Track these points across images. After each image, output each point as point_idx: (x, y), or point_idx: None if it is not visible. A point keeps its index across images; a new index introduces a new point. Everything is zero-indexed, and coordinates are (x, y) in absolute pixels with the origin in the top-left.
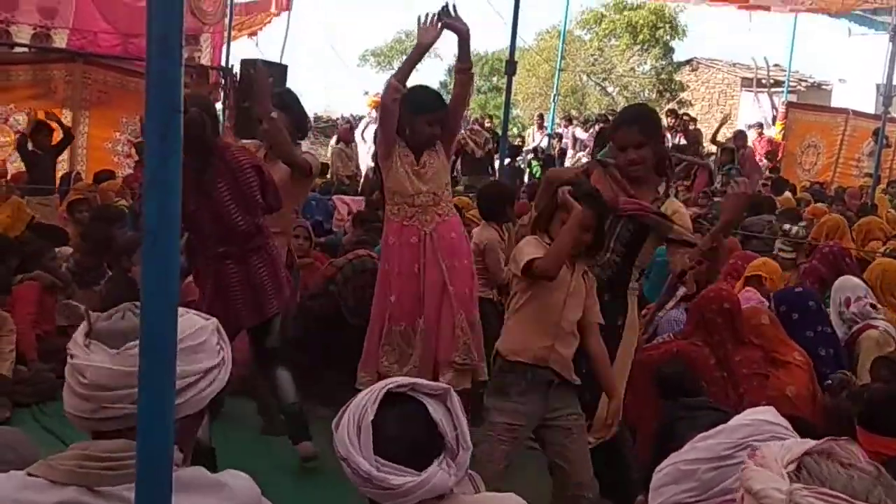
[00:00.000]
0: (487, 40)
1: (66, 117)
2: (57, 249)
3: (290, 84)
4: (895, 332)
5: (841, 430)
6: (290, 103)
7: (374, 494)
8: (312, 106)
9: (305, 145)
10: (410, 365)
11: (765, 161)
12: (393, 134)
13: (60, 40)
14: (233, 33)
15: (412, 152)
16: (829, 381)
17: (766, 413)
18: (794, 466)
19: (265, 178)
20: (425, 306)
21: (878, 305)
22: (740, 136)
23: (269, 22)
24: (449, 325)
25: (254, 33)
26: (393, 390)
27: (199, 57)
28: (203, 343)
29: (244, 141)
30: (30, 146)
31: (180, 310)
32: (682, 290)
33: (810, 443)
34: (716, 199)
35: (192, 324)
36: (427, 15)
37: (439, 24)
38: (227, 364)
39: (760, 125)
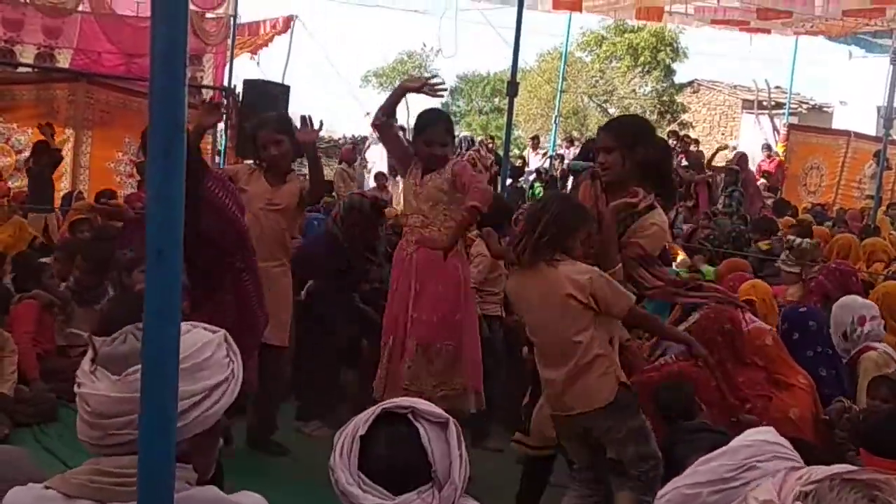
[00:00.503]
0: (490, 61)
1: (69, 136)
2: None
3: (291, 104)
4: (894, 353)
5: (841, 452)
6: (290, 128)
7: None
8: None
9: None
10: (378, 381)
11: (761, 180)
12: (400, 154)
13: (64, 60)
14: (234, 51)
15: (421, 172)
16: (826, 416)
17: (767, 433)
18: (811, 488)
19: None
20: (395, 326)
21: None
22: (743, 158)
23: (271, 40)
24: (399, 349)
25: (256, 51)
26: (391, 410)
27: (201, 77)
28: (208, 359)
29: (246, 162)
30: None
31: (185, 325)
32: (694, 317)
33: (853, 469)
34: (717, 217)
35: (197, 340)
36: (425, 74)
37: (425, 86)
38: (237, 377)
39: (769, 146)
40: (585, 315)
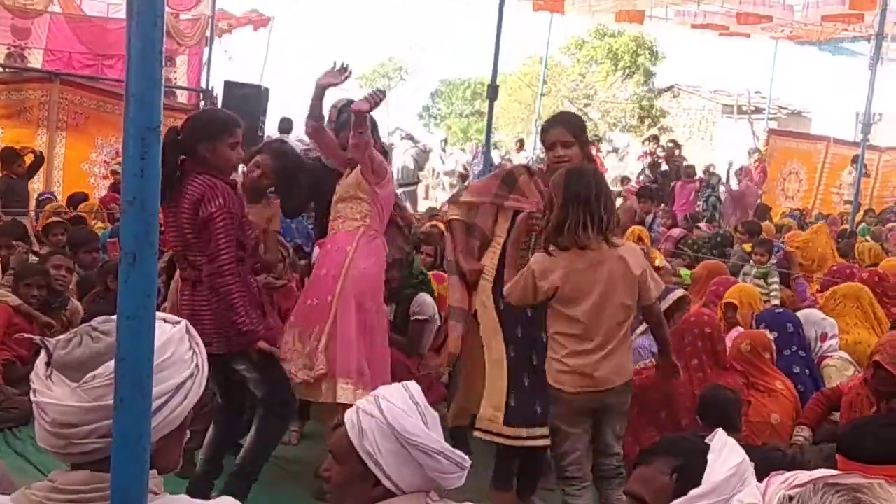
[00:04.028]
0: (470, 65)
1: (42, 138)
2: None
3: (270, 106)
4: (849, 357)
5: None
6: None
7: (454, 479)
8: (294, 130)
9: None
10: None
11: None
12: (339, 158)
13: (35, 60)
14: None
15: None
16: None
17: (736, 452)
18: (796, 492)
19: None
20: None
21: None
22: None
23: (242, 26)
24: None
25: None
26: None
27: (175, 78)
28: (171, 356)
29: None
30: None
31: None
32: None
33: (837, 474)
34: (700, 225)
35: (157, 337)
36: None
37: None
38: (202, 370)
39: (758, 150)
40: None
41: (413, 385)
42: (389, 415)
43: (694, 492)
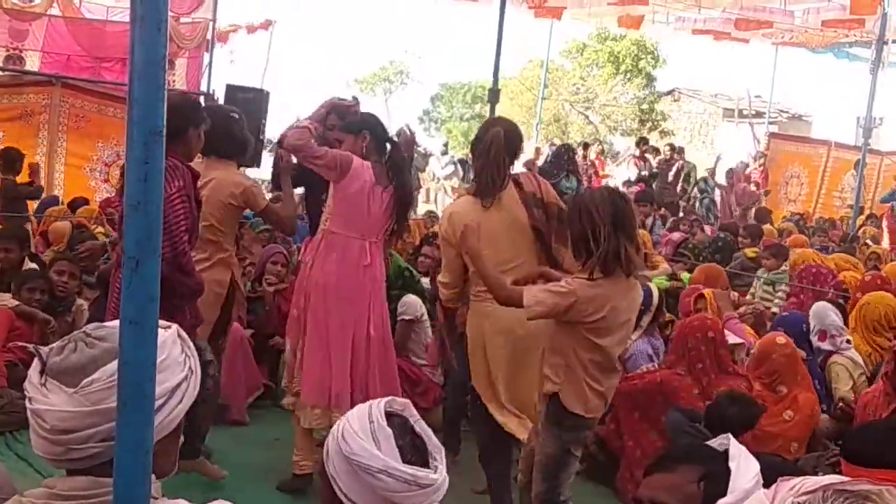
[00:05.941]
0: (471, 69)
1: (44, 141)
2: None
3: (271, 110)
4: (859, 357)
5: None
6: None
7: (412, 497)
8: None
9: None
10: None
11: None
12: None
13: (32, 63)
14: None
15: None
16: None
17: (751, 461)
18: (805, 499)
19: None
20: None
21: (850, 338)
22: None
23: (235, 32)
24: None
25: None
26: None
27: (173, 81)
28: (166, 359)
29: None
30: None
31: None
32: (645, 319)
33: (845, 480)
34: (705, 228)
35: None
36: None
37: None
38: (196, 373)
39: (763, 154)
40: None
41: (379, 403)
42: (341, 435)
43: (724, 500)
